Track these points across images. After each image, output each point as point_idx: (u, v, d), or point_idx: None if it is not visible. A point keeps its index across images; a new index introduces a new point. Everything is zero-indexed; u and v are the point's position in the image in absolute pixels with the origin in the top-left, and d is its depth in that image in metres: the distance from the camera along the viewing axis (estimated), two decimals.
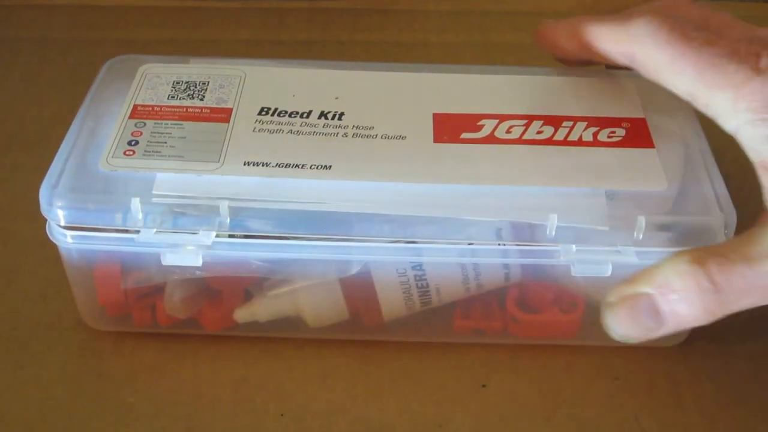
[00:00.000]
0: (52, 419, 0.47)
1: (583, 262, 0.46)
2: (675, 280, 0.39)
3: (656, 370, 0.50)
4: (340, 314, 0.49)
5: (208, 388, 0.49)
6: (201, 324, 0.50)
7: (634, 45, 0.44)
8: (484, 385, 0.49)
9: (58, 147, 0.48)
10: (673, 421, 0.48)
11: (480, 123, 0.50)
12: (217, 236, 0.46)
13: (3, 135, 0.63)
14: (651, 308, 0.40)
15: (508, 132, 0.49)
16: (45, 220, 0.47)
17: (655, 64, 0.43)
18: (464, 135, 0.49)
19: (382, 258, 0.47)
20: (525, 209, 0.46)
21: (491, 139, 0.49)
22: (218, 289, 0.49)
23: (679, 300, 0.39)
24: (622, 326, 0.41)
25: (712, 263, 0.39)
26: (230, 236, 0.46)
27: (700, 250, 0.40)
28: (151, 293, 0.49)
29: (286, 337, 0.51)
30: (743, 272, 0.38)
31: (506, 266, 0.48)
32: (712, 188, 0.48)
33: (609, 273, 0.46)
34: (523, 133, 0.49)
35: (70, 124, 0.49)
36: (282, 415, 0.48)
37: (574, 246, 0.46)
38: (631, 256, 0.46)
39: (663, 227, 0.47)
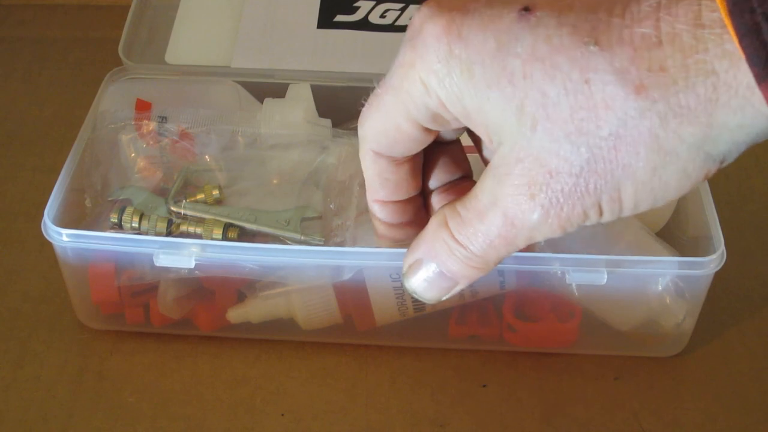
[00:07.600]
0: (52, 419, 0.47)
1: (578, 269, 0.46)
2: (434, 245, 0.39)
3: (656, 370, 0.50)
4: (333, 318, 0.49)
5: (208, 388, 0.49)
6: (194, 324, 0.50)
7: None
8: (484, 386, 0.49)
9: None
10: (673, 421, 0.48)
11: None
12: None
13: (3, 135, 0.63)
14: (435, 271, 0.39)
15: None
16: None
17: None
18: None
19: (375, 263, 0.46)
20: None
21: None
22: (211, 290, 0.49)
23: (447, 261, 0.38)
24: (422, 291, 0.40)
25: (452, 225, 0.38)
26: (223, 240, 0.47)
27: (447, 207, 0.38)
28: (144, 292, 0.49)
29: (282, 339, 0.51)
30: (478, 228, 0.37)
31: (501, 273, 0.47)
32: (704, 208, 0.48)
33: (604, 281, 0.46)
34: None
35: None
36: (282, 415, 0.47)
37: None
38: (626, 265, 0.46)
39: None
